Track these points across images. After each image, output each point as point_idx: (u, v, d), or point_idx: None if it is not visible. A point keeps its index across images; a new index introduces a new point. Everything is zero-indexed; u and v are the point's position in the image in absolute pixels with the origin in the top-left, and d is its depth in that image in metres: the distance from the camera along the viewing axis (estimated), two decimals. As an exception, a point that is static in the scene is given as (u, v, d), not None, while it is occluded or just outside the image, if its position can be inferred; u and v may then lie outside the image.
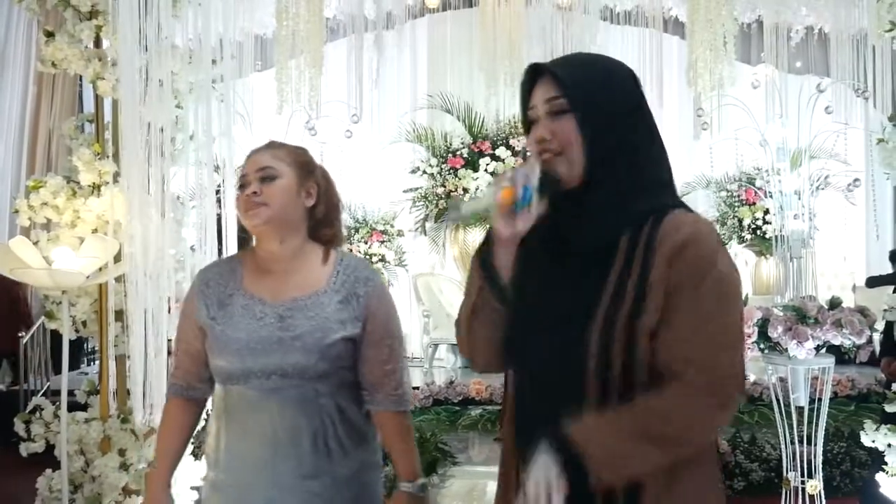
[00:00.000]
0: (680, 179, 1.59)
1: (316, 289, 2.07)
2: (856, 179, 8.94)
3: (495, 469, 1.79)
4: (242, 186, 2.06)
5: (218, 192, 3.89)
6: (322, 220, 2.13)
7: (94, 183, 3.84)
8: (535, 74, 1.60)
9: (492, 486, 6.21)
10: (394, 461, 2.16)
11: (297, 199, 2.08)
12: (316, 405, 2.03)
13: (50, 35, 3.88)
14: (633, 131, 1.55)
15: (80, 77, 4.11)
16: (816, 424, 4.30)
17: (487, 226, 1.61)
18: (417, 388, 7.49)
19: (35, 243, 3.75)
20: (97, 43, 3.91)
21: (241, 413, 2.03)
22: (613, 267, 1.49)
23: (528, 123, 1.61)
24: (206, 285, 2.12)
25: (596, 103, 1.52)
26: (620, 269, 1.49)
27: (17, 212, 3.89)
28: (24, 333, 7.47)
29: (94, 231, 3.81)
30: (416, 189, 9.74)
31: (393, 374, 2.12)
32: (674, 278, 1.45)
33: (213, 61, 3.80)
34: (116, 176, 3.74)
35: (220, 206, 3.90)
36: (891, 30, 3.90)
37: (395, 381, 2.12)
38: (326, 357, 2.03)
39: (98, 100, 3.96)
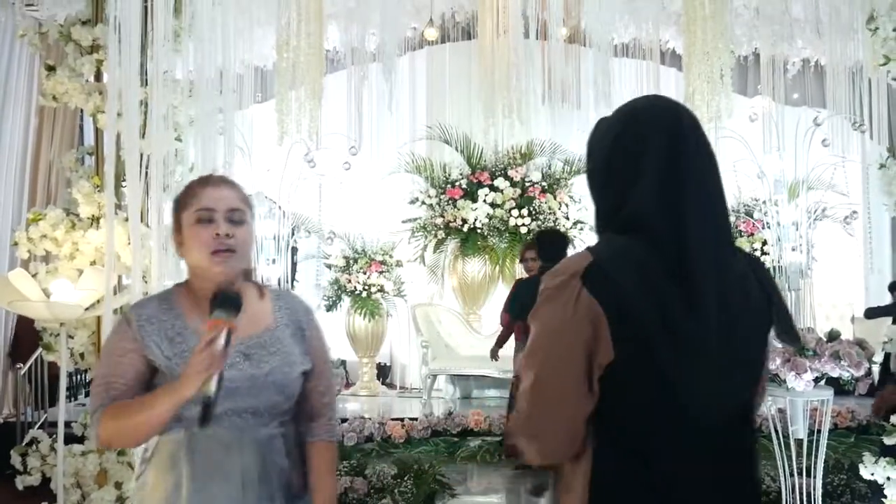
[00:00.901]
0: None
1: (266, 325, 2.06)
2: (853, 211, 8.97)
3: (495, 500, 1.86)
4: (204, 221, 1.97)
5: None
6: (251, 258, 2.15)
7: (93, 215, 3.86)
8: None
9: (491, 518, 6.09)
10: (318, 492, 2.11)
11: (252, 244, 2.10)
12: (280, 442, 2.03)
13: (51, 69, 3.92)
14: (604, 176, 1.65)
15: (81, 110, 4.14)
16: (816, 456, 4.28)
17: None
18: (416, 419, 7.47)
19: (34, 276, 3.76)
20: (98, 77, 3.95)
21: (210, 455, 1.94)
22: None
23: None
24: (147, 322, 1.97)
25: (589, 153, 1.71)
26: None
27: (16, 244, 3.90)
28: (21, 365, 7.45)
29: (93, 263, 3.82)
30: (415, 220, 9.77)
31: (330, 404, 2.18)
32: None
33: (220, 92, 3.83)
34: (116, 208, 3.76)
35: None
36: (885, 63, 3.94)
37: (332, 410, 2.18)
38: (293, 392, 2.06)
39: (98, 133, 3.99)
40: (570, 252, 5.96)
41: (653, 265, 1.48)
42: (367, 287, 9.33)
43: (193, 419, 1.85)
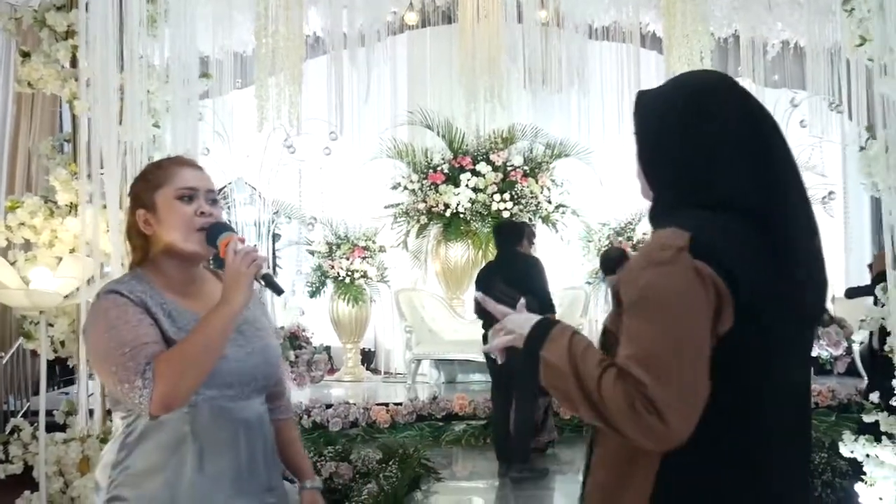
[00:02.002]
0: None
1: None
2: (831, 192, 9.02)
3: (480, 484, 1.87)
4: (186, 199, 1.98)
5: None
6: None
7: (71, 203, 3.84)
8: None
9: (476, 501, 6.23)
10: (296, 464, 2.23)
11: None
12: (266, 417, 2.08)
13: (26, 55, 3.88)
14: (675, 153, 1.58)
15: (60, 97, 4.10)
16: (796, 435, 4.32)
17: None
18: (400, 404, 7.49)
19: (12, 264, 3.73)
20: (73, 63, 3.91)
21: (213, 432, 1.96)
22: None
23: None
24: (143, 294, 1.93)
25: (642, 131, 1.65)
26: None
27: (-6, 232, 3.87)
28: (2, 354, 7.42)
29: (72, 251, 3.80)
30: (398, 205, 9.76)
31: (284, 381, 2.29)
32: (620, 289, 1.53)
33: (186, 80, 3.80)
34: (96, 195, 3.74)
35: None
36: (861, 44, 3.95)
37: (286, 387, 2.29)
38: (278, 368, 2.14)
39: (75, 119, 3.96)
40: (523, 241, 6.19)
41: (754, 241, 1.49)
42: (350, 273, 9.33)
43: (198, 399, 1.90)
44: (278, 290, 2.01)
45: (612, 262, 6.37)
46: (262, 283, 1.93)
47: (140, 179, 2.06)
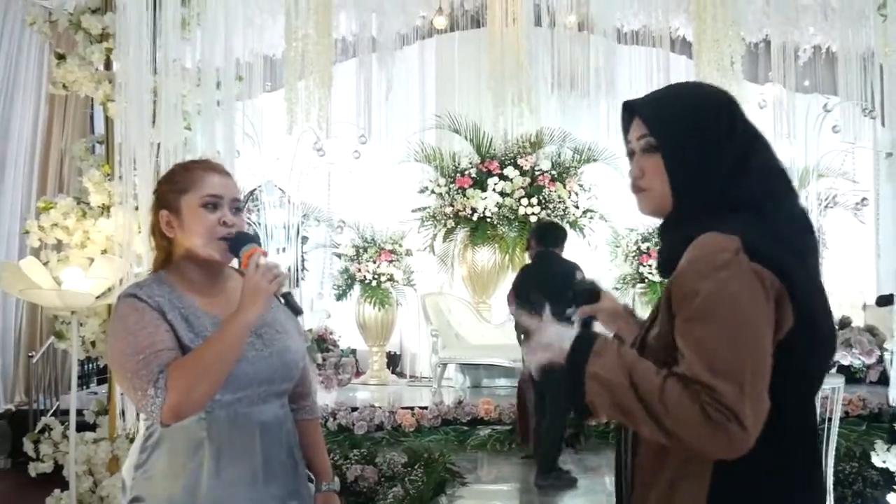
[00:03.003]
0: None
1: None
2: (864, 198, 8.92)
3: (505, 488, 1.88)
4: (212, 207, 1.98)
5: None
6: None
7: (103, 204, 3.87)
8: (625, 110, 1.72)
9: (501, 507, 6.10)
10: (316, 465, 2.23)
11: None
12: (286, 420, 2.09)
13: (61, 58, 3.93)
14: (716, 160, 1.59)
15: (91, 99, 4.14)
16: (827, 444, 4.27)
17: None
18: (426, 408, 7.48)
19: (45, 264, 3.77)
20: (107, 65, 3.95)
21: (229, 436, 1.95)
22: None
23: (629, 155, 1.73)
24: (161, 299, 1.93)
25: (678, 140, 1.61)
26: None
27: (27, 232, 3.91)
28: (34, 353, 7.50)
29: (104, 251, 3.84)
30: (425, 209, 9.76)
31: (311, 381, 2.27)
32: (673, 300, 1.50)
33: (218, 84, 3.82)
34: (128, 196, 3.77)
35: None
36: (897, 49, 3.91)
37: (312, 387, 2.26)
38: (299, 370, 2.13)
39: (108, 121, 4.00)
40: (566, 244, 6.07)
41: (795, 242, 1.55)
42: (376, 276, 9.34)
43: (219, 401, 1.90)
44: (297, 311, 1.99)
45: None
46: (282, 301, 1.95)
47: (166, 181, 2.06)
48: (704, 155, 1.59)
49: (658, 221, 1.69)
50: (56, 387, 7.74)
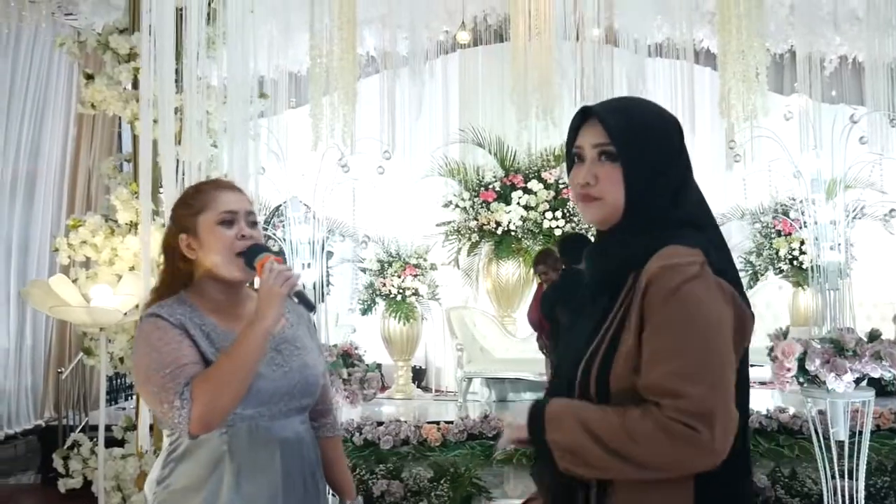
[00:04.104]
0: (714, 211, 1.63)
1: (282, 323, 2.09)
2: (892, 209, 8.82)
3: None
4: (228, 223, 2.01)
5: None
6: None
7: (131, 221, 3.91)
8: (584, 115, 1.70)
9: (527, 522, 6.04)
10: (338, 482, 2.26)
11: None
12: (306, 437, 2.10)
13: (90, 77, 3.99)
14: (670, 178, 1.64)
15: (120, 117, 4.20)
16: (858, 458, 4.22)
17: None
18: (451, 422, 7.46)
19: (74, 281, 3.82)
20: (135, 84, 4.00)
21: (249, 451, 1.97)
22: (617, 301, 1.58)
23: (571, 159, 1.71)
24: (182, 317, 1.97)
25: (640, 153, 1.62)
26: (619, 302, 1.57)
27: (56, 250, 3.96)
28: (63, 369, 7.57)
29: (132, 268, 3.87)
30: (449, 223, 9.76)
31: (332, 399, 2.30)
32: (645, 310, 1.51)
33: (248, 101, 3.86)
34: (154, 214, 3.80)
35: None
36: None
37: (333, 405, 2.30)
38: (319, 387, 2.14)
39: (136, 140, 4.04)
40: None
41: (733, 265, 1.63)
42: (401, 290, 9.34)
43: (239, 416, 1.92)
44: (309, 306, 2.03)
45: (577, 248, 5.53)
46: (295, 299, 1.97)
47: (181, 205, 2.09)
48: (660, 171, 1.62)
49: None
50: (85, 403, 7.82)
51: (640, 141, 1.62)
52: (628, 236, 1.61)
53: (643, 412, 1.42)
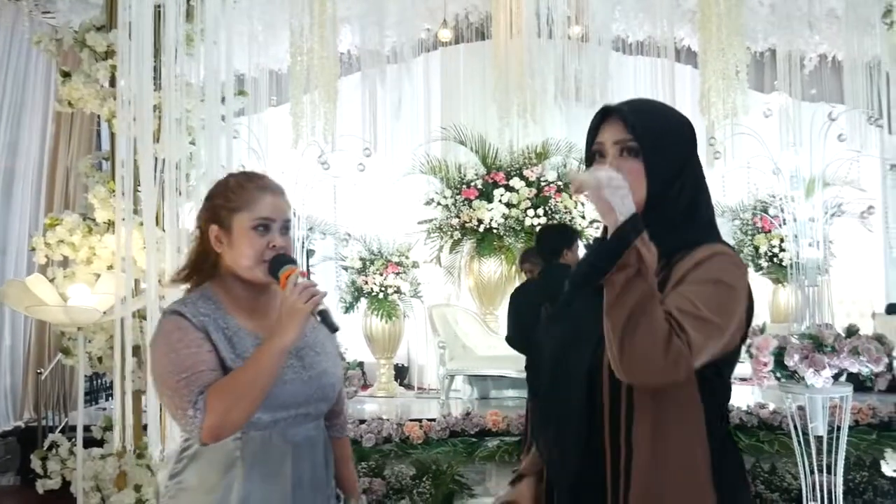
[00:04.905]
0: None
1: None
2: (870, 206, 8.89)
3: None
4: (262, 229, 1.98)
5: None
6: None
7: (109, 220, 3.88)
8: (605, 114, 1.76)
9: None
10: (344, 481, 2.27)
11: None
12: (319, 441, 2.08)
13: (66, 75, 3.95)
14: (687, 176, 1.72)
15: (98, 116, 4.17)
16: (836, 453, 4.25)
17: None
18: (434, 419, 7.46)
19: (51, 280, 3.79)
20: (112, 82, 3.97)
21: (265, 457, 1.96)
22: None
23: (590, 157, 1.79)
24: (205, 318, 1.94)
25: (662, 149, 1.69)
26: None
27: (34, 249, 3.93)
28: (42, 369, 7.51)
29: (110, 267, 3.85)
30: (431, 220, 9.76)
31: (344, 400, 2.28)
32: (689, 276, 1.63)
33: (223, 98, 3.83)
34: (132, 212, 3.78)
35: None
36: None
37: (345, 406, 2.28)
38: (337, 392, 2.13)
39: (114, 138, 4.01)
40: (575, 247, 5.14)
41: None
42: (383, 288, 9.33)
43: (255, 422, 1.90)
44: (333, 328, 1.96)
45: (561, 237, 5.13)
46: (318, 318, 1.92)
47: (220, 195, 2.03)
48: (680, 168, 1.71)
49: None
50: (65, 403, 7.76)
51: (660, 137, 1.69)
52: (661, 230, 1.61)
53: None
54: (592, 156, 1.76)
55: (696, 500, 1.63)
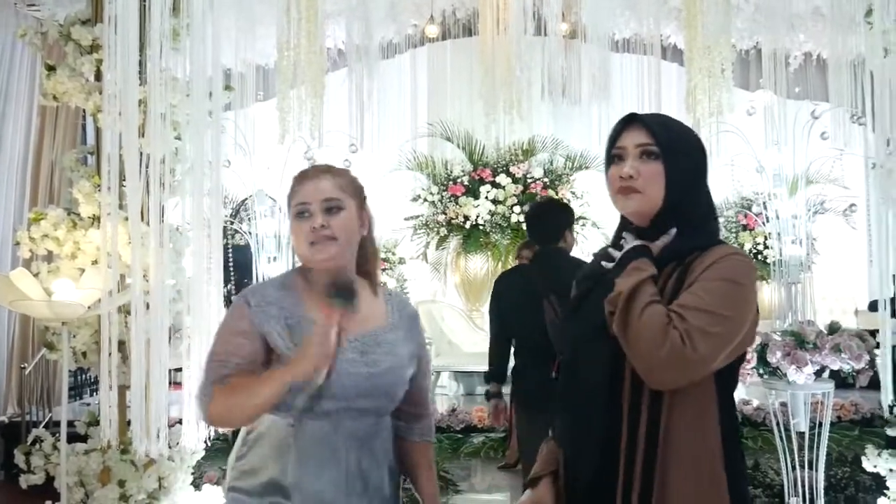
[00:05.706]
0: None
1: (379, 324, 2.08)
2: (852, 204, 8.95)
3: (499, 497, 1.97)
4: (303, 215, 2.01)
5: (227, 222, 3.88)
6: (366, 251, 2.15)
7: (94, 214, 3.87)
8: (627, 121, 1.88)
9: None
10: (422, 488, 2.24)
11: (357, 231, 2.09)
12: (378, 437, 2.06)
13: (51, 69, 3.93)
14: (704, 185, 1.88)
15: (83, 110, 4.15)
16: (818, 449, 4.28)
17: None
18: (419, 416, 7.48)
19: (35, 275, 3.77)
20: (98, 76, 3.95)
21: (314, 447, 1.97)
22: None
23: (609, 161, 1.89)
24: (269, 306, 2.00)
25: (681, 155, 1.82)
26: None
27: (18, 243, 3.91)
28: (26, 364, 7.48)
29: (95, 262, 3.83)
30: (418, 217, 9.77)
31: (429, 405, 2.24)
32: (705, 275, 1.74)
33: (210, 93, 3.82)
34: (117, 207, 3.76)
35: (226, 237, 3.91)
36: (885, 56, 3.93)
37: (430, 410, 2.25)
38: (400, 394, 2.09)
39: (99, 132, 3.99)
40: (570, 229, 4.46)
41: None
42: (370, 284, 9.32)
43: (300, 408, 1.93)
44: (309, 407, 1.95)
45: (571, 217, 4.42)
46: (311, 387, 1.92)
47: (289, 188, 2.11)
48: (697, 175, 1.86)
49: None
50: (48, 398, 7.73)
51: (679, 144, 1.84)
52: (677, 231, 1.82)
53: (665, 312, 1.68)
54: (612, 159, 1.87)
55: (711, 488, 1.72)
